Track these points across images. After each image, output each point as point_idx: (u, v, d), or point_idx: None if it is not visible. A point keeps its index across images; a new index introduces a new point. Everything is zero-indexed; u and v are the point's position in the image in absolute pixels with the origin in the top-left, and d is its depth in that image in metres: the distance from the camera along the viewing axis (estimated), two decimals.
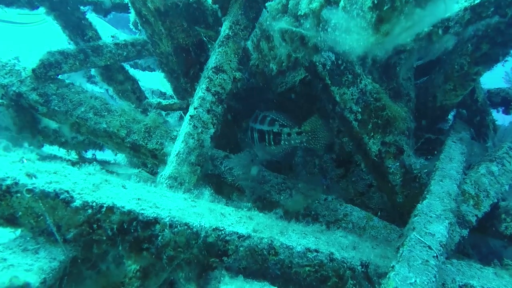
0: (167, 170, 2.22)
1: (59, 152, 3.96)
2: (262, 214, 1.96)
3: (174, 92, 3.66)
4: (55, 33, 3.67)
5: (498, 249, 3.22)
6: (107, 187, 1.74)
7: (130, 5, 3.07)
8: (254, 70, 2.56)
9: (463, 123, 3.55)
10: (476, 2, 2.46)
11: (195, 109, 2.39)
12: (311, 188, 2.83)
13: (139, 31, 3.96)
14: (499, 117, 3.92)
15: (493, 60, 2.88)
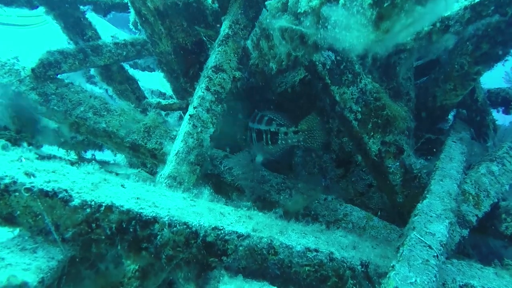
0: (166, 170, 2.21)
1: (58, 152, 3.96)
2: (261, 214, 1.95)
3: (173, 92, 3.65)
4: (56, 34, 3.67)
5: (498, 249, 3.21)
6: (106, 186, 1.73)
7: (129, 4, 3.07)
8: (254, 70, 2.55)
9: (463, 123, 3.55)
10: (476, 0, 2.46)
11: (195, 108, 2.38)
12: (311, 188, 2.82)
13: (139, 31, 3.95)
14: (499, 117, 3.92)
15: (493, 60, 2.88)
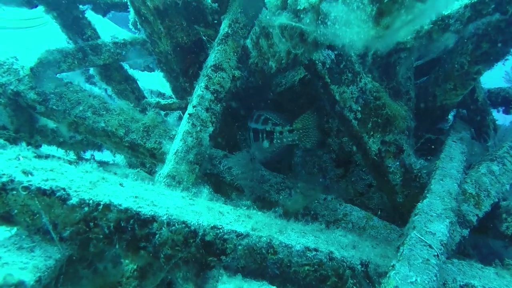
0: (165, 169, 2.20)
1: (57, 153, 3.95)
2: (260, 213, 1.94)
3: (173, 92, 3.64)
4: (57, 35, 3.66)
5: (499, 249, 3.19)
6: (104, 184, 1.72)
7: (129, 4, 3.06)
8: (253, 69, 2.54)
9: (464, 123, 3.54)
10: None
11: (194, 107, 2.37)
12: (311, 188, 2.81)
13: (139, 31, 3.94)
14: (500, 116, 3.91)
15: (493, 59, 2.87)
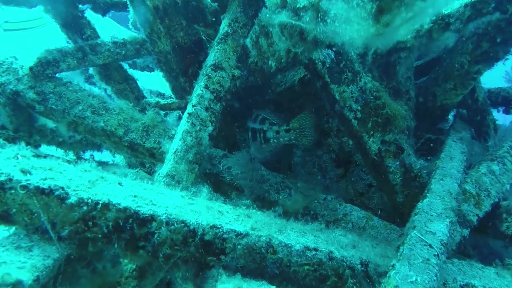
0: (165, 168, 2.19)
1: (56, 153, 3.94)
2: (260, 212, 1.93)
3: (172, 92, 3.63)
4: (58, 35, 3.65)
5: (499, 249, 3.19)
6: (103, 184, 1.71)
7: (128, 3, 3.05)
8: (253, 68, 2.53)
9: (464, 123, 3.53)
10: None
11: (193, 106, 2.36)
12: (310, 188, 2.80)
13: (138, 31, 3.93)
14: (500, 116, 3.90)
15: (493, 59, 2.86)
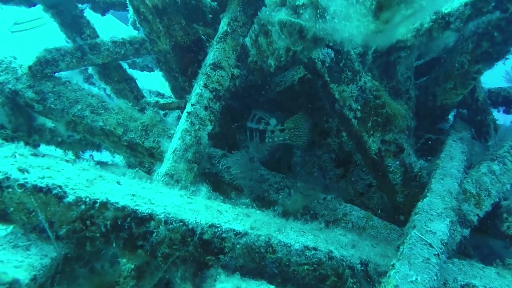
0: (164, 167, 2.18)
1: (56, 153, 3.93)
2: (259, 212, 1.92)
3: (172, 91, 3.63)
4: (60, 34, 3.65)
5: (499, 249, 3.17)
6: (101, 182, 1.70)
7: (128, 2, 3.05)
8: (253, 67, 2.52)
9: (464, 123, 3.52)
10: None
11: (193, 105, 2.35)
12: (310, 188, 2.79)
13: (138, 30, 3.93)
14: (500, 116, 3.89)
15: (493, 58, 2.85)
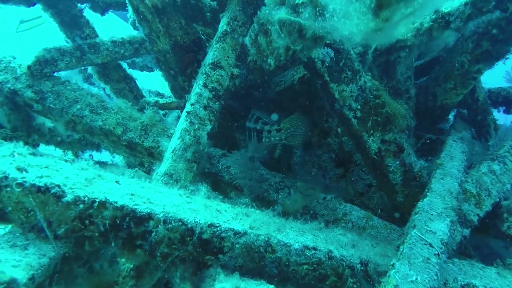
0: (163, 167, 2.17)
1: (55, 152, 3.93)
2: (259, 211, 1.92)
3: (171, 91, 3.62)
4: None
5: (500, 249, 3.17)
6: (100, 182, 1.70)
7: (127, 2, 3.04)
8: (252, 66, 2.52)
9: (464, 123, 3.52)
10: None
11: (192, 105, 2.35)
12: (310, 187, 2.79)
13: (137, 30, 3.93)
14: (500, 116, 3.88)
15: (494, 58, 2.85)
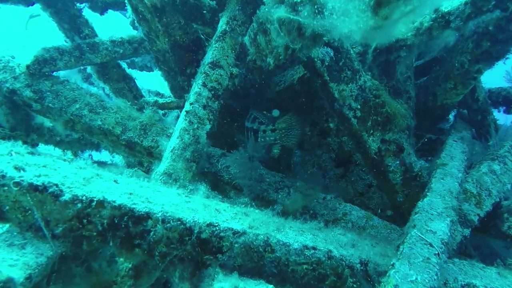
0: (162, 166, 2.17)
1: (54, 152, 3.92)
2: (258, 211, 1.91)
3: (171, 91, 3.61)
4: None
5: (500, 249, 3.16)
6: (98, 181, 1.69)
7: (126, 2, 3.03)
8: (252, 66, 2.51)
9: (464, 123, 3.51)
10: None
11: (191, 104, 2.34)
12: (310, 187, 2.78)
13: (137, 30, 3.92)
14: (501, 116, 3.87)
15: (494, 58, 2.84)
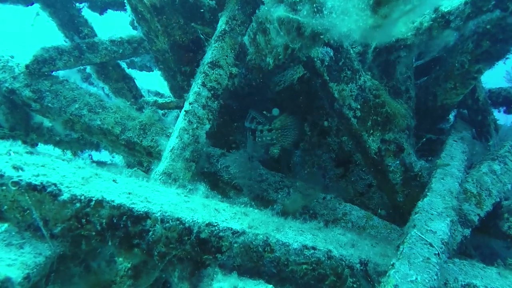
0: (161, 166, 2.16)
1: (54, 152, 3.91)
2: (257, 211, 1.90)
3: (171, 91, 3.61)
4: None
5: (500, 249, 3.15)
6: (97, 181, 1.68)
7: (126, 1, 3.03)
8: (251, 66, 2.51)
9: (464, 123, 3.50)
10: None
11: (190, 104, 2.33)
12: (310, 187, 2.77)
13: (136, 29, 3.91)
14: (501, 116, 3.87)
15: (494, 58, 2.83)
